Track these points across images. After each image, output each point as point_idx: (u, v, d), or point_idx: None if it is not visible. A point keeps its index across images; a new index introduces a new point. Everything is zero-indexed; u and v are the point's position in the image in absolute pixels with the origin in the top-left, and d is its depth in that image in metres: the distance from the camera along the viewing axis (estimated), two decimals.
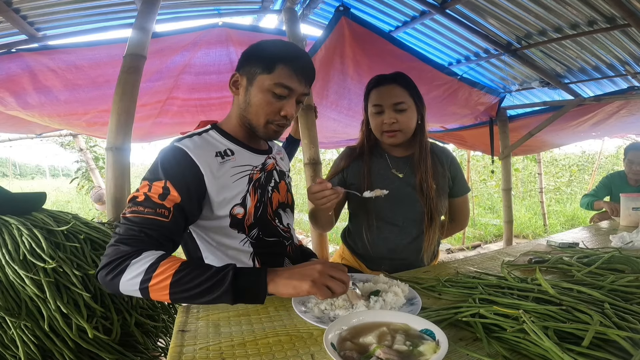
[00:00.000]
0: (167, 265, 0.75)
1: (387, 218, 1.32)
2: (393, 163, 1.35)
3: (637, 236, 1.42)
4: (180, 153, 0.91)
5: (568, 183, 9.93)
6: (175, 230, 0.86)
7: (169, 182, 0.86)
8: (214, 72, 2.70)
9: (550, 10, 2.28)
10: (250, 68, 0.96)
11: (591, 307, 0.72)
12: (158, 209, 0.83)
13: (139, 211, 0.83)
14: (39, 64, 2.27)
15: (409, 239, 1.32)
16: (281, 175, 1.14)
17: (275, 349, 0.70)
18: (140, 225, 0.81)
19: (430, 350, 0.61)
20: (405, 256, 1.33)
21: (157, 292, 0.74)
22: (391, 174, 1.33)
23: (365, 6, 2.75)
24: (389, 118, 1.25)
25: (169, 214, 0.84)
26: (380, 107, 1.27)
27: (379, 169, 1.34)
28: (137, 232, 0.80)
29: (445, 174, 1.35)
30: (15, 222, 1.15)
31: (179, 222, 0.86)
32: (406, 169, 1.33)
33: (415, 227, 1.31)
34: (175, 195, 0.85)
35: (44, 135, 5.16)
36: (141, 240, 0.80)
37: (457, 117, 3.83)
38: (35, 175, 24.21)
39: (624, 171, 2.77)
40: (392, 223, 1.32)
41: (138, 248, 0.78)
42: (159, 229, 0.82)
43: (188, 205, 0.88)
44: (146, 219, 0.82)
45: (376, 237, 1.33)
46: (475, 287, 0.94)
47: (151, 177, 0.87)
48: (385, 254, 1.33)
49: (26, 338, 1.00)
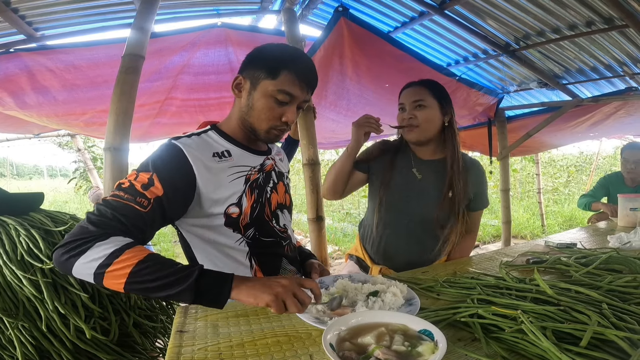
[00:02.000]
0: (132, 253, 0.74)
1: (396, 212, 1.36)
2: (416, 163, 1.39)
3: (634, 236, 1.43)
4: (175, 150, 0.91)
5: (566, 184, 9.96)
6: (150, 223, 0.84)
7: (155, 175, 0.86)
8: (212, 72, 2.70)
9: (549, 11, 2.28)
10: (254, 72, 0.97)
11: (589, 308, 0.72)
12: (138, 197, 0.82)
13: (120, 196, 0.82)
14: (37, 64, 2.26)
15: (414, 240, 1.36)
16: (280, 176, 1.15)
17: (273, 350, 0.70)
18: (116, 209, 0.80)
19: (429, 351, 0.61)
20: (408, 258, 1.37)
21: (112, 279, 0.72)
22: (411, 173, 1.38)
23: (364, 7, 2.75)
24: (407, 114, 1.34)
25: (148, 204, 0.83)
26: (402, 105, 1.37)
27: (401, 166, 1.40)
28: (110, 216, 0.79)
29: (469, 189, 1.37)
30: (12, 222, 1.14)
31: (156, 216, 0.85)
32: (427, 172, 1.37)
33: (422, 231, 1.36)
34: (158, 188, 0.85)
35: (42, 135, 5.15)
36: (111, 225, 0.78)
37: (456, 118, 3.83)
38: (33, 176, 24.15)
39: (621, 172, 2.78)
40: (398, 219, 1.36)
41: (106, 231, 0.76)
42: (133, 217, 0.81)
43: (170, 202, 0.87)
44: (124, 205, 0.81)
45: (382, 233, 1.39)
46: (474, 288, 0.94)
47: (140, 168, 0.88)
48: (389, 253, 1.39)
49: (24, 338, 1.00)
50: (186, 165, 0.90)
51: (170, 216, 0.90)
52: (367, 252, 1.46)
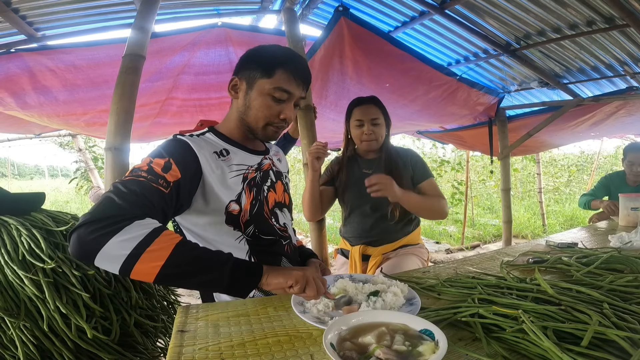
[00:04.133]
0: (169, 235, 0.72)
1: (358, 200, 1.72)
2: (363, 164, 1.76)
3: (635, 236, 1.42)
4: (183, 142, 0.94)
5: (567, 183, 9.95)
6: (170, 206, 0.82)
7: (172, 159, 0.85)
8: (213, 72, 2.70)
9: (549, 11, 2.28)
10: (249, 72, 0.99)
11: (590, 307, 0.72)
12: (160, 179, 0.80)
13: (141, 176, 0.79)
14: (38, 64, 2.27)
15: (378, 215, 1.69)
16: (278, 175, 1.16)
17: (274, 350, 0.70)
18: (143, 188, 0.76)
19: (430, 351, 0.61)
20: (376, 234, 1.70)
21: (149, 262, 0.68)
22: (362, 173, 1.71)
23: (365, 6, 2.75)
24: (367, 130, 1.65)
25: (168, 186, 0.81)
26: (361, 122, 1.67)
27: (353, 171, 1.76)
28: (140, 195, 0.75)
29: (408, 169, 1.68)
30: (14, 222, 1.14)
31: (174, 201, 0.84)
32: (373, 167, 1.71)
33: (382, 208, 1.67)
34: (176, 171, 0.84)
35: (43, 135, 5.15)
36: (143, 204, 0.74)
37: (456, 118, 3.84)
38: (34, 176, 24.19)
39: (622, 171, 2.77)
40: (361, 205, 1.71)
41: (143, 211, 0.72)
42: (158, 199, 0.78)
43: (184, 188, 0.86)
44: (149, 185, 0.77)
45: (352, 220, 1.76)
46: (475, 287, 0.94)
47: (153, 155, 0.87)
48: (360, 233, 1.73)
49: (25, 338, 1.00)
50: (193, 155, 0.92)
51: (180, 204, 0.89)
52: (346, 240, 1.81)
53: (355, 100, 1.73)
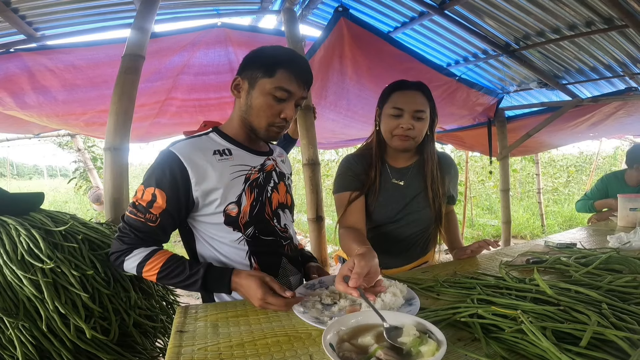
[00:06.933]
0: (162, 253, 0.97)
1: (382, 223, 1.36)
2: (393, 173, 1.35)
3: (634, 236, 1.43)
4: (171, 158, 0.97)
5: (566, 184, 9.96)
6: (161, 233, 0.99)
7: (157, 190, 0.96)
8: (212, 72, 2.70)
9: (548, 12, 2.28)
10: (251, 72, 1.00)
11: (589, 308, 0.72)
12: (147, 214, 0.96)
13: (134, 213, 0.98)
14: (38, 64, 2.26)
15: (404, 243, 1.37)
16: (281, 176, 1.16)
17: (273, 350, 0.70)
18: (132, 226, 0.97)
19: (429, 351, 0.61)
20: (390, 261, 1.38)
21: (150, 271, 0.95)
22: (392, 183, 1.34)
23: (364, 7, 2.75)
24: (406, 123, 1.23)
25: (156, 219, 0.97)
26: (400, 111, 1.24)
27: (383, 177, 1.34)
28: (129, 232, 0.97)
29: (445, 182, 1.37)
30: (13, 222, 1.14)
31: (166, 225, 0.99)
32: (406, 178, 1.34)
33: (411, 234, 1.37)
34: (160, 203, 0.96)
35: (42, 135, 5.14)
36: (138, 237, 0.97)
37: (456, 118, 3.84)
38: (33, 176, 24.14)
39: (620, 172, 2.76)
40: (387, 228, 1.36)
41: (130, 246, 0.97)
42: (147, 231, 0.97)
43: (175, 209, 0.98)
44: (138, 222, 0.97)
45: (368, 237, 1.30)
46: (474, 288, 0.94)
47: (145, 183, 0.99)
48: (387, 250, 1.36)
49: (24, 338, 1.00)
50: (183, 172, 0.96)
51: (180, 217, 1.01)
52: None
53: (396, 83, 1.30)
